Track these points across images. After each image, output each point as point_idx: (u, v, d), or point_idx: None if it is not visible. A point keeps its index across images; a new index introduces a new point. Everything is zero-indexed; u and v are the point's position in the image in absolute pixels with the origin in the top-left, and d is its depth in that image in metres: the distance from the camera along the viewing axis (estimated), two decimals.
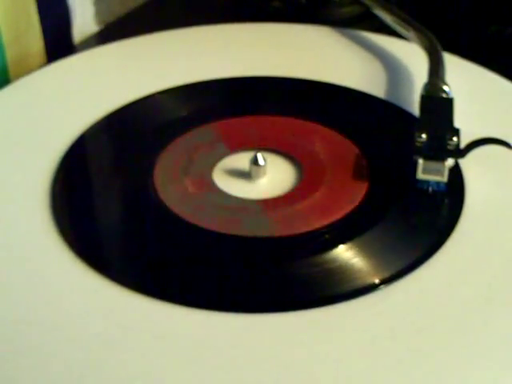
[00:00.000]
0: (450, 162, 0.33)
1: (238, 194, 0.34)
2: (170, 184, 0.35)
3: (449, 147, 0.33)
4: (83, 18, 0.51)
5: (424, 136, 0.33)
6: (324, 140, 0.37)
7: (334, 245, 0.31)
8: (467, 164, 0.35)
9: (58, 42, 0.48)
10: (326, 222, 0.32)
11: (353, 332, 0.28)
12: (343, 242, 0.31)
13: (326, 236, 0.32)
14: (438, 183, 0.33)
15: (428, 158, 0.33)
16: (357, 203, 0.33)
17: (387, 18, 0.44)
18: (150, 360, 0.27)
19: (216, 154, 0.37)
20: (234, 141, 0.37)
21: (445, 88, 0.37)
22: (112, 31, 0.51)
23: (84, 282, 0.30)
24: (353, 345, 0.27)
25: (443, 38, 0.41)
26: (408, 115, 0.38)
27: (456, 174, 0.34)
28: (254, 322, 0.28)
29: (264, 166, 0.35)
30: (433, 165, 0.33)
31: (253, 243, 0.32)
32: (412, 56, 0.42)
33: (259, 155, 0.35)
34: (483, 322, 0.28)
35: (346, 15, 0.50)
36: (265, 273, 0.31)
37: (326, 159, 0.36)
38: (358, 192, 0.34)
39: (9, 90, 0.41)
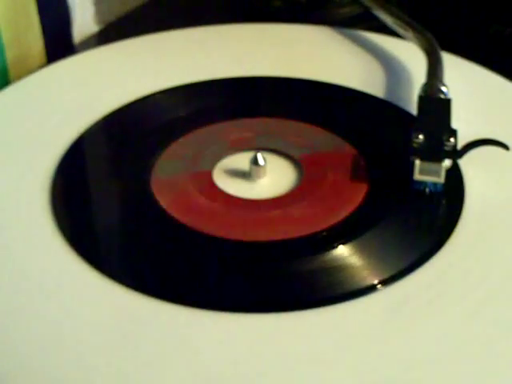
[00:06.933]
0: (446, 162, 0.33)
1: (237, 194, 0.34)
2: (169, 184, 0.35)
3: (446, 148, 0.33)
4: (83, 18, 0.51)
5: (421, 137, 0.33)
6: (323, 140, 0.37)
7: (334, 245, 0.31)
8: (467, 164, 0.35)
9: (58, 42, 0.48)
10: (325, 222, 0.32)
11: (352, 332, 0.28)
12: (343, 243, 0.31)
13: (326, 236, 0.32)
14: (434, 184, 0.33)
15: (425, 158, 0.33)
16: (356, 204, 0.33)
17: (387, 18, 0.44)
18: (150, 360, 0.27)
19: (216, 153, 0.37)
20: (233, 141, 0.37)
21: (443, 89, 0.37)
22: (112, 31, 0.51)
23: (84, 281, 0.30)
24: (352, 345, 0.27)
25: (443, 38, 0.41)
26: (407, 115, 0.38)
27: (456, 174, 0.34)
28: (253, 322, 0.28)
29: (264, 166, 0.35)
30: (430, 166, 0.33)
31: (252, 243, 0.32)
32: (411, 56, 0.42)
33: (259, 155, 0.35)
34: (484, 321, 0.28)
35: (346, 15, 0.50)
36: (265, 273, 0.31)
37: (326, 159, 0.36)
38: (357, 192, 0.34)
39: (9, 90, 0.41)
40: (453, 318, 0.28)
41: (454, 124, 0.35)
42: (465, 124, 0.35)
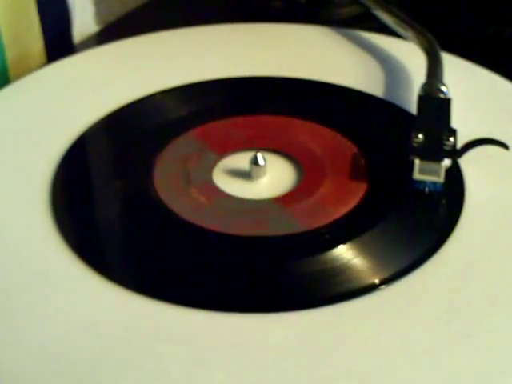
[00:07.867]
0: (446, 162, 0.33)
1: (237, 194, 0.34)
2: (170, 184, 0.35)
3: (445, 148, 0.33)
4: (83, 18, 0.51)
5: (421, 136, 0.34)
6: (324, 140, 0.37)
7: (334, 245, 0.31)
8: (467, 164, 0.35)
9: (58, 42, 0.48)
10: (325, 222, 0.32)
11: (353, 332, 0.28)
12: (343, 242, 0.31)
13: (326, 236, 0.32)
14: (434, 183, 0.33)
15: (425, 158, 0.33)
16: (356, 203, 0.33)
17: (386, 18, 0.44)
18: (150, 360, 0.27)
19: (216, 153, 0.37)
20: (234, 141, 0.37)
21: (442, 88, 0.37)
22: (112, 31, 0.51)
23: (84, 282, 0.30)
24: (352, 345, 0.28)
25: (443, 37, 0.41)
26: (407, 115, 0.38)
27: (456, 174, 0.34)
28: (254, 322, 0.28)
29: (264, 165, 0.35)
30: (429, 165, 0.33)
31: (252, 243, 0.32)
32: (411, 56, 0.42)
33: (259, 155, 0.35)
34: (484, 321, 0.28)
35: (345, 15, 0.50)
36: (265, 273, 0.31)
37: (326, 159, 0.36)
38: (357, 192, 0.34)
39: (9, 89, 0.41)
40: (454, 318, 0.28)
41: (454, 124, 0.35)
42: (464, 124, 0.35)
